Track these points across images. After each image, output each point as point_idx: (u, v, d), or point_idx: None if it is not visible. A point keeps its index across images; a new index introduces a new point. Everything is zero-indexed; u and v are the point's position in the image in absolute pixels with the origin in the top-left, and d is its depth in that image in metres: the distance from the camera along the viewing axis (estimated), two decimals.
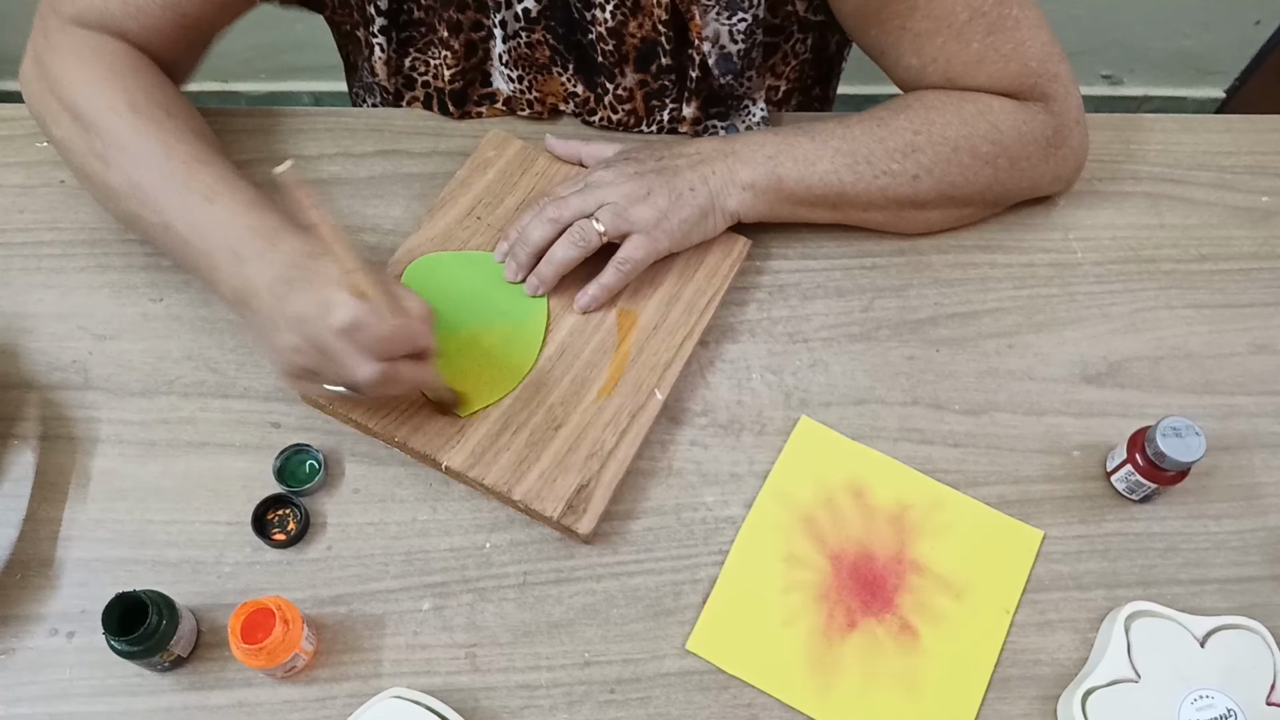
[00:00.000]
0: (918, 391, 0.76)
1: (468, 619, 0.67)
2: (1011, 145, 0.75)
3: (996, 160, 0.75)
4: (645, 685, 0.66)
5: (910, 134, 0.75)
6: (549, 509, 0.68)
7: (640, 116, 0.84)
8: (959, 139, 0.75)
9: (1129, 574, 0.70)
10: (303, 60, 1.72)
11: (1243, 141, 0.88)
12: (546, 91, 0.84)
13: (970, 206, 0.80)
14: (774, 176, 0.74)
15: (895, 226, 0.80)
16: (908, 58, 0.76)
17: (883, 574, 0.69)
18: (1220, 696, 0.64)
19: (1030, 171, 0.78)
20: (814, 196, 0.75)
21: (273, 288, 0.62)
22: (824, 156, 0.74)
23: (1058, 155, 0.78)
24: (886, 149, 0.74)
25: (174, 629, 0.62)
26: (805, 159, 0.74)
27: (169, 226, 0.67)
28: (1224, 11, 1.69)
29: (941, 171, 0.75)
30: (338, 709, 0.64)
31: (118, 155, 0.68)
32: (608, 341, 0.74)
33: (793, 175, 0.74)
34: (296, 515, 0.69)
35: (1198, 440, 0.67)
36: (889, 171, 0.75)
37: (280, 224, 0.65)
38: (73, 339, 0.76)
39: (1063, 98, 0.76)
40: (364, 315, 0.59)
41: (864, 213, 0.78)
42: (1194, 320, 0.80)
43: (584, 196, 0.73)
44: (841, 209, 0.77)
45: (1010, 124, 0.75)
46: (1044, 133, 0.76)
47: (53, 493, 0.70)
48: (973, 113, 0.75)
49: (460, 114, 0.85)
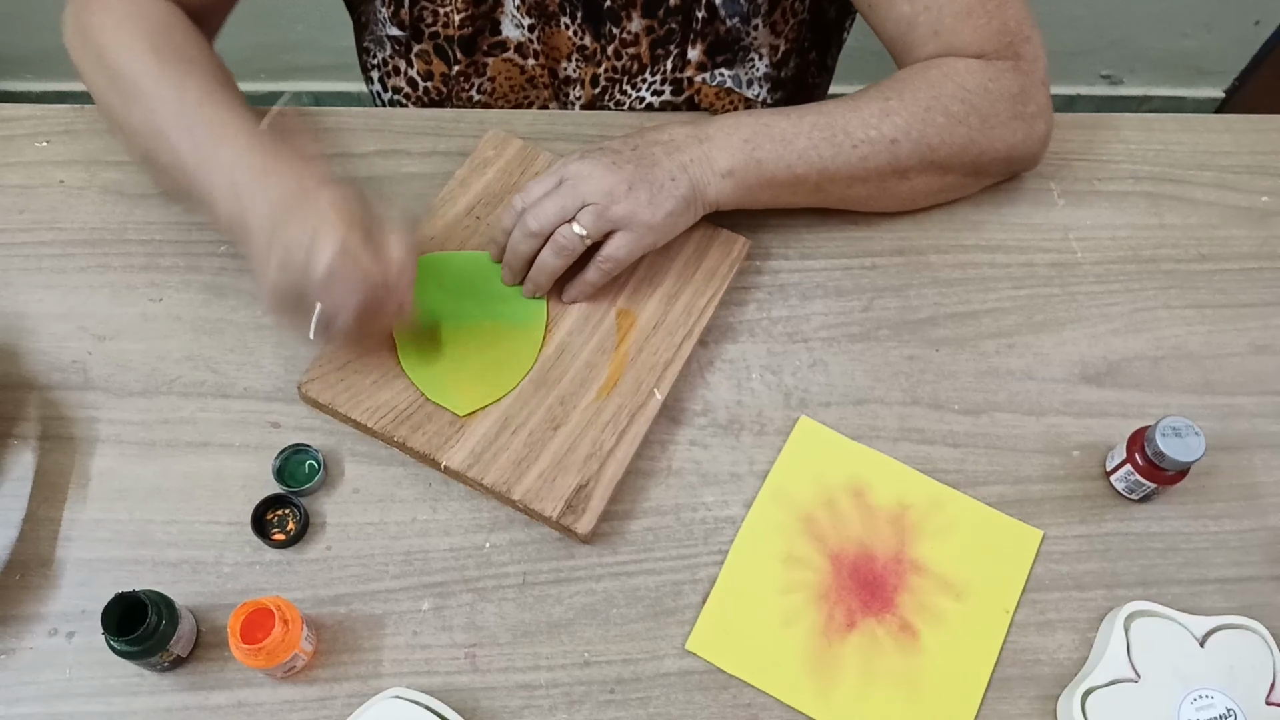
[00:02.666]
0: (918, 391, 0.76)
1: (467, 619, 0.67)
2: (980, 103, 0.75)
3: (969, 119, 0.75)
4: (645, 685, 0.66)
5: (882, 100, 0.75)
6: (548, 509, 0.68)
7: (644, 64, 0.84)
8: (930, 99, 0.75)
9: (1129, 574, 0.70)
10: (303, 60, 1.72)
11: (1243, 141, 0.88)
12: (552, 45, 0.84)
13: (952, 173, 0.78)
14: (753, 160, 0.73)
15: (880, 202, 0.79)
16: (901, 4, 0.76)
17: (883, 574, 0.69)
18: (1220, 696, 0.64)
19: (1002, 130, 0.77)
20: (795, 177, 0.74)
21: (264, 221, 0.63)
22: (801, 133, 0.73)
23: (1026, 114, 0.77)
24: (862, 117, 0.74)
25: (174, 629, 0.62)
26: (782, 138, 0.73)
27: (179, 164, 0.68)
28: (1224, 11, 1.69)
29: (919, 133, 0.74)
30: (338, 709, 0.64)
31: (137, 96, 0.70)
32: (607, 341, 0.74)
33: (771, 157, 0.73)
34: (296, 515, 0.69)
35: (1198, 440, 0.67)
36: (867, 139, 0.74)
37: (281, 162, 0.66)
38: (73, 339, 0.76)
39: (1032, 59, 0.77)
40: (347, 252, 0.61)
41: (847, 189, 0.77)
42: (1194, 320, 0.80)
43: (561, 197, 0.71)
44: (824, 188, 0.76)
45: (976, 83, 0.75)
46: (1011, 90, 0.76)
47: (53, 493, 0.70)
48: (938, 76, 0.75)
49: (468, 63, 0.85)
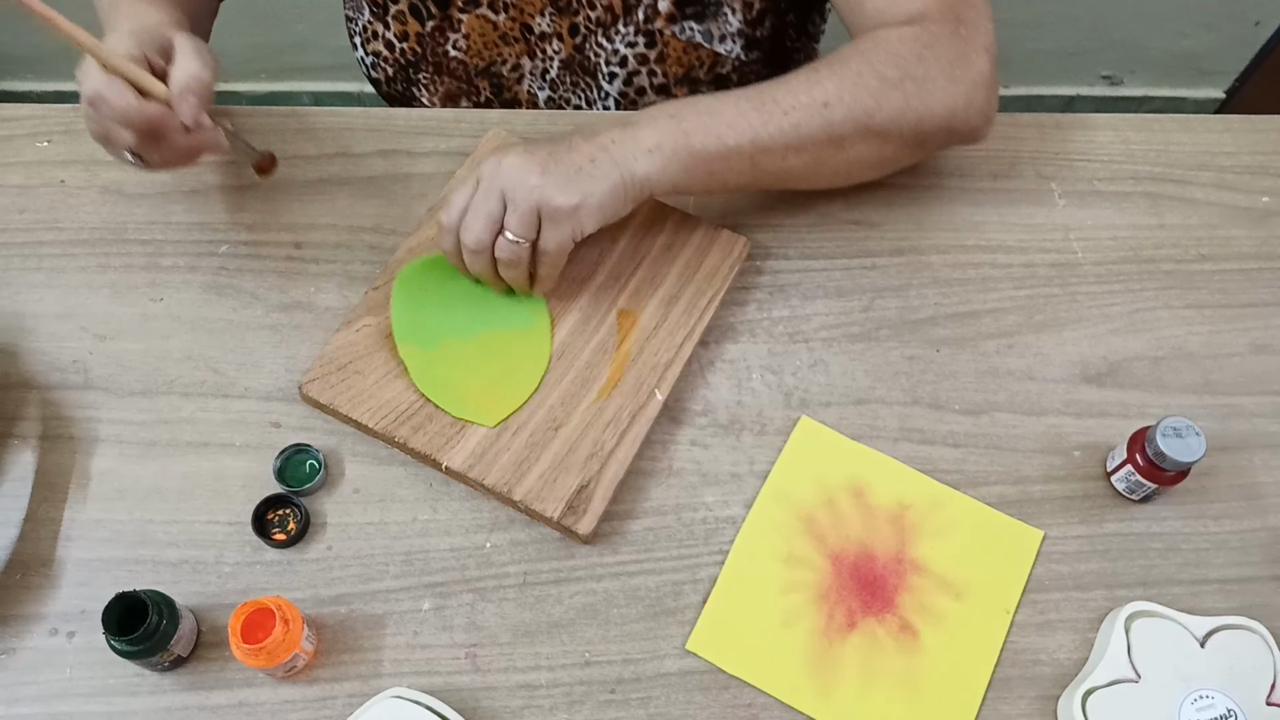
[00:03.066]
0: (918, 391, 0.76)
1: (468, 619, 0.67)
2: (914, 67, 0.74)
3: (903, 83, 0.74)
4: (645, 685, 0.66)
5: (810, 71, 0.74)
6: (549, 509, 0.68)
7: (617, 15, 0.84)
8: (861, 65, 0.73)
9: (1129, 574, 0.70)
10: (303, 60, 1.72)
11: (1243, 141, 0.88)
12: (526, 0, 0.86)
13: (891, 142, 0.76)
14: (679, 132, 0.71)
15: (819, 176, 0.77)
16: None
17: (883, 574, 0.69)
18: (1220, 696, 0.64)
19: (940, 94, 0.75)
20: (726, 149, 0.72)
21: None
22: (727, 104, 0.72)
23: (966, 79, 0.75)
24: (789, 87, 0.73)
25: (174, 629, 0.62)
26: (709, 109, 0.72)
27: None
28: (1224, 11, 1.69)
29: (851, 97, 0.73)
30: (338, 709, 0.64)
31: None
32: (608, 342, 0.74)
33: (699, 128, 0.71)
34: (296, 515, 0.69)
35: (1198, 440, 0.67)
36: (798, 105, 0.72)
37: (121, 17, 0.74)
38: (73, 339, 0.76)
39: (973, 23, 0.76)
40: (102, 89, 0.67)
41: (783, 161, 0.74)
42: (1194, 320, 0.80)
43: (485, 201, 0.69)
44: (758, 161, 0.74)
45: (909, 49, 0.74)
46: (947, 55, 0.75)
47: (53, 493, 0.70)
48: (869, 45, 0.74)
49: (442, 17, 0.86)
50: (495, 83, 0.93)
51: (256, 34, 1.62)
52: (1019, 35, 1.70)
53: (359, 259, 0.80)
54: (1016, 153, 0.87)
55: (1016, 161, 0.86)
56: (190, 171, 0.82)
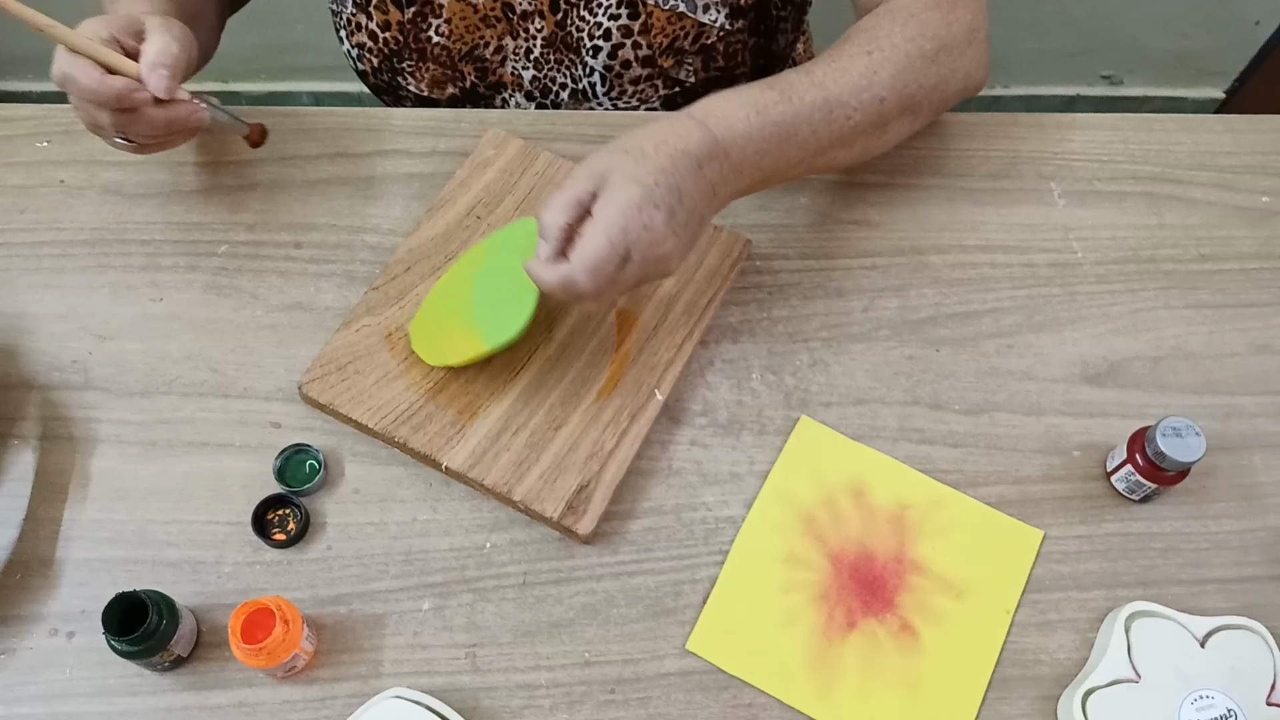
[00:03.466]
0: (918, 391, 0.76)
1: (468, 619, 0.67)
2: (946, 38, 0.74)
3: (939, 56, 0.74)
4: (645, 685, 0.66)
5: (864, 55, 0.73)
6: (549, 509, 0.68)
7: None
8: (907, 45, 0.73)
9: (1129, 574, 0.70)
10: (303, 60, 1.72)
11: (1243, 141, 0.88)
12: None
13: (923, 115, 0.77)
14: (760, 175, 0.70)
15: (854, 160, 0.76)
16: None
17: (883, 574, 0.69)
18: (1220, 696, 0.64)
19: (963, 60, 0.76)
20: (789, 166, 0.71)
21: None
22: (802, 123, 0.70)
23: (977, 38, 0.77)
24: (850, 81, 0.71)
25: (174, 629, 0.62)
26: (786, 136, 0.70)
27: None
28: (1224, 11, 1.68)
29: (901, 84, 0.73)
30: (338, 709, 0.64)
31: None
32: (608, 342, 0.74)
33: (781, 161, 0.70)
34: (296, 515, 0.69)
35: (1198, 440, 0.67)
36: (859, 106, 0.71)
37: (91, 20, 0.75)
38: (73, 339, 0.76)
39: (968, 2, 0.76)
40: (67, 68, 0.68)
41: (832, 160, 0.74)
42: (1194, 320, 0.80)
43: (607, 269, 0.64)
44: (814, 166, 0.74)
45: (937, 16, 0.75)
46: (966, 19, 0.76)
47: (53, 493, 0.70)
48: (903, 19, 0.74)
49: (423, 3, 0.85)
50: (479, 66, 0.93)
51: (256, 34, 1.61)
52: (1019, 35, 1.70)
53: (359, 259, 0.80)
54: (1016, 153, 0.87)
55: (1016, 161, 0.86)
56: (190, 171, 0.82)
